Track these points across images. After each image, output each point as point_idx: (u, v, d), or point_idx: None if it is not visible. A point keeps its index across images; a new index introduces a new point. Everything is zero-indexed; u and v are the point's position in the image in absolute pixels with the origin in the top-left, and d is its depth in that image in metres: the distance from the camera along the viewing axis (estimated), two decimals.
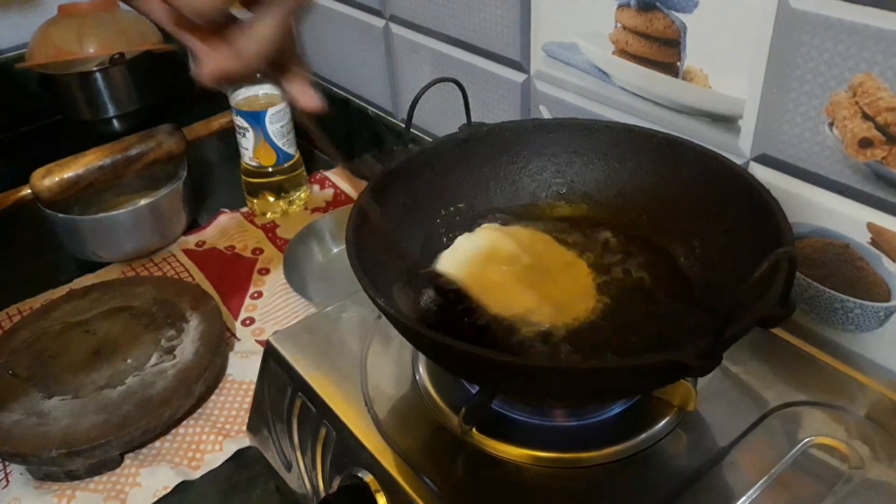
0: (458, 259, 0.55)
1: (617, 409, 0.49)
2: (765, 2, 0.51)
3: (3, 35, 1.21)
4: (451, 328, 0.50)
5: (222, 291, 0.85)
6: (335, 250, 0.88)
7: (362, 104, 1.02)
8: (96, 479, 0.65)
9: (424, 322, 0.51)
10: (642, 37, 0.60)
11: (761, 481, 0.45)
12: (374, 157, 1.06)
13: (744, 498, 0.44)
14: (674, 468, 0.46)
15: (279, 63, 0.39)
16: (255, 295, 0.85)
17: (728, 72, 0.56)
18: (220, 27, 0.36)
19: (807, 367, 0.53)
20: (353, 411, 0.50)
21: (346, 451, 0.49)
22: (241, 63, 0.37)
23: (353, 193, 1.01)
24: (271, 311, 0.82)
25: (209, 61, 0.37)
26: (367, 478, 0.47)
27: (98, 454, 0.65)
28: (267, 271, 0.88)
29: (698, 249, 0.53)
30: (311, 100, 0.41)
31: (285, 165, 0.95)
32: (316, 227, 0.89)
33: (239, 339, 0.79)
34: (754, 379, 0.52)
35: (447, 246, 0.57)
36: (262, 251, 0.92)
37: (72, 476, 0.65)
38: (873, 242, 0.52)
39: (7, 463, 0.67)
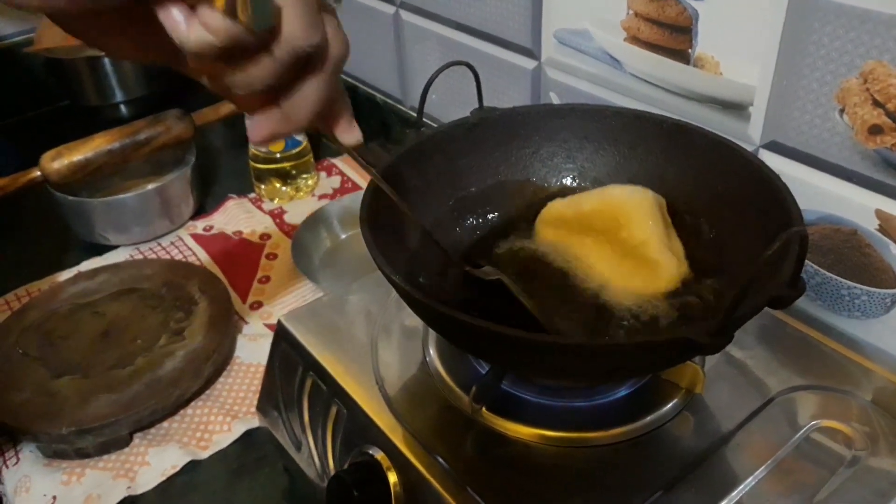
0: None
1: (624, 391, 0.50)
2: None
3: (11, 19, 1.22)
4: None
5: (230, 276, 0.85)
6: (343, 236, 0.89)
7: (370, 91, 1.02)
8: (105, 457, 0.66)
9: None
10: (654, 23, 0.61)
11: (767, 463, 0.45)
12: (380, 145, 1.06)
13: (750, 479, 0.45)
14: (680, 450, 0.47)
15: (325, 112, 0.39)
16: (263, 279, 0.85)
17: (739, 59, 0.56)
18: (270, 92, 0.36)
19: (813, 352, 0.53)
20: (364, 390, 0.51)
21: (357, 429, 0.50)
22: (293, 125, 0.37)
23: (360, 181, 1.01)
24: (279, 295, 0.83)
25: (261, 127, 0.37)
26: (379, 455, 0.48)
27: (107, 433, 0.65)
28: (274, 256, 0.89)
29: (708, 233, 0.53)
30: (354, 137, 0.41)
31: (293, 152, 0.96)
32: (324, 212, 0.89)
33: (247, 323, 0.79)
34: (760, 364, 0.52)
35: (457, 229, 0.57)
36: (269, 237, 0.92)
37: (81, 454, 0.66)
38: (881, 229, 0.53)
39: (17, 440, 0.67)
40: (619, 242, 0.53)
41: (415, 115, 0.96)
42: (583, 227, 0.54)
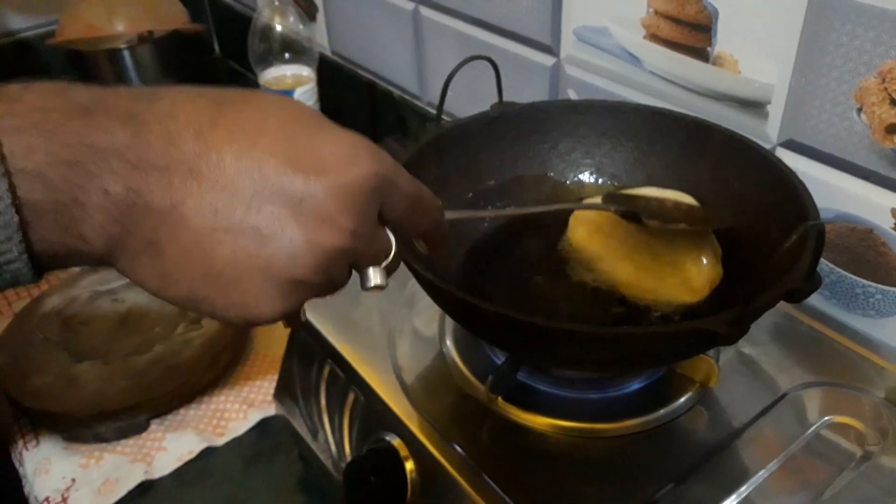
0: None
1: (638, 384, 0.50)
2: None
3: (33, 13, 1.23)
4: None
5: None
6: None
7: (388, 87, 1.03)
8: (123, 442, 0.67)
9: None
10: (674, 21, 0.61)
11: (777, 458, 0.46)
12: (396, 140, 1.07)
13: (761, 472, 0.45)
14: (692, 443, 0.47)
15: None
16: None
17: (758, 57, 0.57)
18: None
19: (826, 350, 0.54)
20: (381, 378, 0.51)
21: (374, 416, 0.51)
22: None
23: None
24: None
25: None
26: (395, 441, 0.48)
27: (125, 418, 0.66)
28: None
29: (724, 229, 0.54)
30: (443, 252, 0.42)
31: None
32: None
33: None
34: (773, 360, 0.53)
35: (474, 222, 0.58)
36: None
37: (99, 438, 0.67)
38: None
39: (38, 423, 0.69)
40: (652, 247, 0.53)
41: (431, 110, 0.97)
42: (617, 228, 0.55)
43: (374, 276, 0.34)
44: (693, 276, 0.52)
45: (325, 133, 0.32)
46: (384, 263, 0.35)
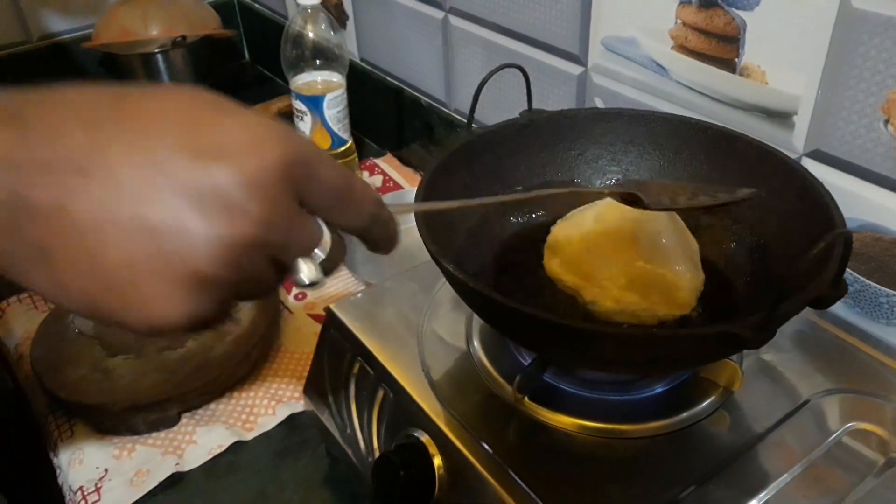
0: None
1: (661, 387, 0.51)
2: (827, 1, 0.53)
3: (71, 15, 1.26)
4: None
5: None
6: None
7: (415, 94, 1.05)
8: (155, 434, 0.69)
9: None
10: (702, 33, 0.62)
11: (799, 464, 0.46)
12: (422, 146, 1.09)
13: (784, 476, 0.46)
14: (714, 447, 0.48)
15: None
16: None
17: (786, 69, 0.58)
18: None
19: (849, 358, 0.54)
20: (410, 375, 0.53)
21: (403, 412, 0.52)
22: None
23: (402, 180, 1.04)
24: (323, 288, 0.85)
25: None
26: (424, 438, 0.49)
27: (157, 411, 0.68)
28: None
29: (749, 238, 0.54)
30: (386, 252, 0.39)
31: (339, 150, 0.98)
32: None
33: (291, 312, 0.82)
34: (796, 367, 0.53)
35: (502, 227, 0.59)
36: None
37: (132, 430, 0.68)
38: None
39: (72, 415, 0.70)
40: (628, 269, 0.52)
41: (458, 117, 0.98)
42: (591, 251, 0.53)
43: (305, 269, 0.32)
44: (677, 289, 0.51)
45: (227, 117, 0.29)
46: (320, 258, 0.32)
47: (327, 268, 0.33)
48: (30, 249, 0.27)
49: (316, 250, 0.32)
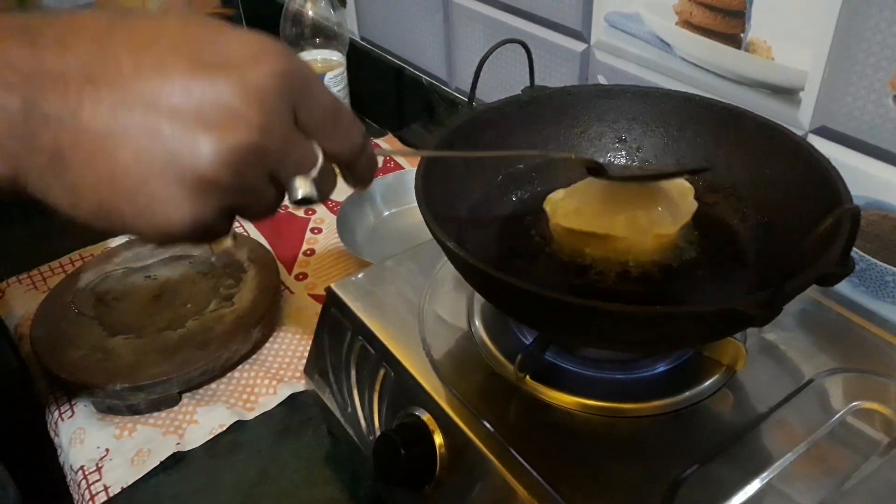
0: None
1: (664, 366, 0.51)
2: None
3: None
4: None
5: (276, 248, 0.87)
6: (386, 213, 0.91)
7: (416, 73, 1.04)
8: (156, 414, 0.68)
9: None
10: (707, 8, 0.61)
11: (803, 443, 0.46)
12: (422, 126, 1.08)
13: (787, 455, 0.45)
14: (718, 425, 0.47)
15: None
16: (308, 252, 0.87)
17: (792, 44, 0.57)
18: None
19: (854, 337, 0.54)
20: (411, 354, 0.52)
21: (404, 391, 0.52)
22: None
23: (403, 161, 1.03)
24: (323, 267, 0.85)
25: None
26: (425, 416, 0.49)
27: (158, 391, 0.68)
28: (319, 231, 0.91)
29: (754, 214, 0.54)
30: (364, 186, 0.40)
31: None
32: (368, 190, 0.91)
33: (293, 293, 0.81)
34: (800, 346, 0.53)
35: (504, 204, 0.59)
36: (314, 211, 0.94)
37: (133, 410, 0.68)
38: None
39: (73, 395, 0.70)
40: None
41: (459, 96, 0.97)
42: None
43: (302, 186, 0.33)
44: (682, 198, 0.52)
45: (228, 33, 0.31)
46: (312, 175, 0.33)
47: (322, 190, 0.34)
48: (44, 157, 0.29)
49: (311, 172, 0.34)
